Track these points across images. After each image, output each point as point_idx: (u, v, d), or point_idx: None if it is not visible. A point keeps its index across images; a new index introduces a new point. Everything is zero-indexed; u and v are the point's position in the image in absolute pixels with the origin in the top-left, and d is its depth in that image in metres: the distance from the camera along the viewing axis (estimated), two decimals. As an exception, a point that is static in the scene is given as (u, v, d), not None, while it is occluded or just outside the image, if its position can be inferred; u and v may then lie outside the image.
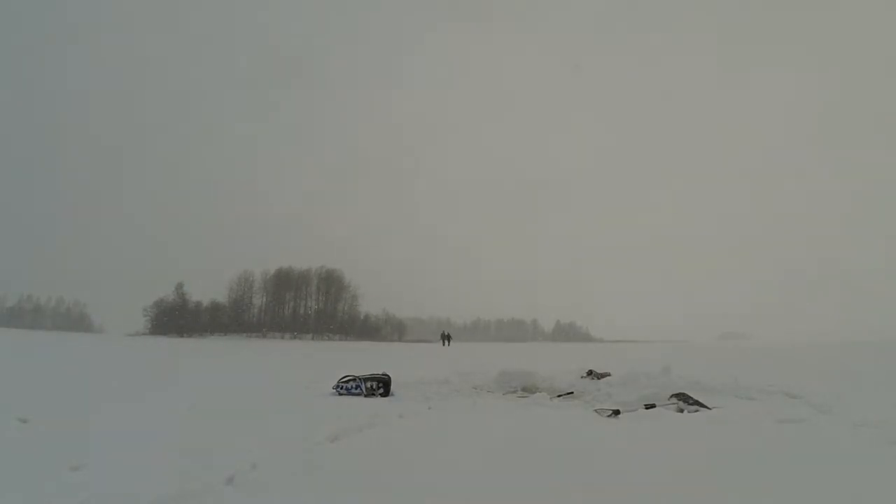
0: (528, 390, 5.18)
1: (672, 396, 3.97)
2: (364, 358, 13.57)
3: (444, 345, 24.98)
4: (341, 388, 4.86)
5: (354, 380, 4.87)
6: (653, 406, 3.82)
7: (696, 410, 3.70)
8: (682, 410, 3.73)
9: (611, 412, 3.67)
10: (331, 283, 73.56)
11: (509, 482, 2.09)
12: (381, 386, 4.80)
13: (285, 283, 72.98)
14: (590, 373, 5.68)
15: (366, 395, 4.69)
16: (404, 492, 1.99)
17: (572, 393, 5.01)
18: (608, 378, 5.43)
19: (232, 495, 1.93)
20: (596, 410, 3.87)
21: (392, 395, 4.82)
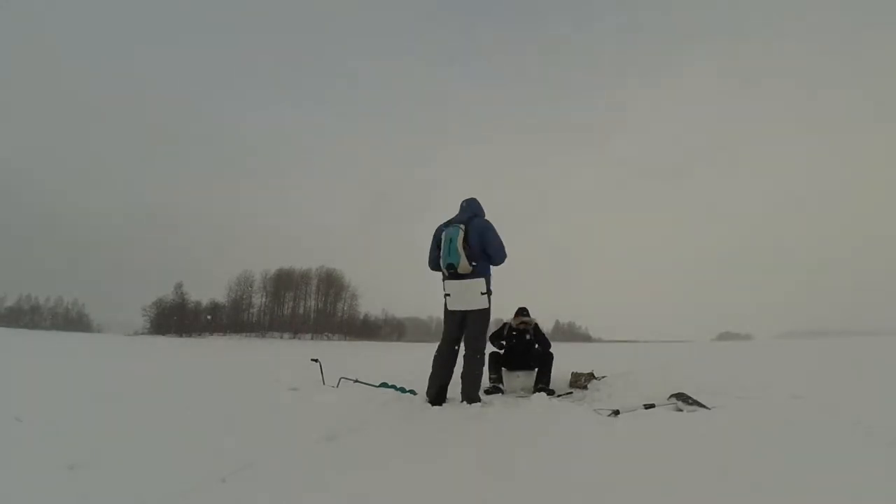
0: (528, 390, 5.17)
1: (671, 396, 3.95)
2: (364, 358, 13.55)
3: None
4: None
5: None
6: (652, 406, 3.81)
7: (695, 410, 3.68)
8: (681, 410, 3.71)
9: (611, 412, 3.65)
10: (331, 283, 73.54)
11: (507, 485, 2.07)
12: None
13: (285, 283, 73.03)
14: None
15: None
16: (401, 493, 1.97)
17: (571, 393, 5.00)
18: (607, 378, 5.41)
19: (226, 495, 1.92)
20: (595, 410, 3.85)
21: None
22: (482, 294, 4.18)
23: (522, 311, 5.54)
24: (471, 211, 4.47)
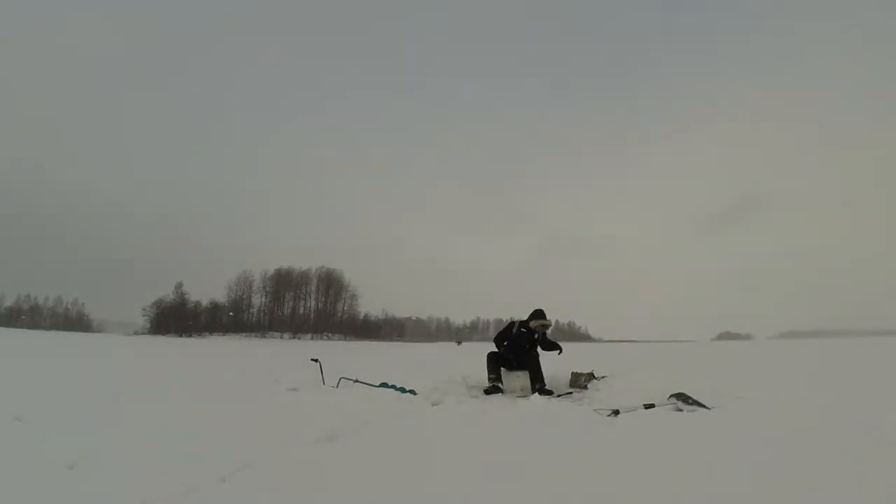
0: (527, 390, 5.17)
1: (671, 396, 3.96)
2: (364, 358, 13.54)
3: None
4: None
5: None
6: (652, 406, 3.81)
7: (695, 410, 3.69)
8: (681, 410, 3.71)
9: (611, 412, 3.65)
10: (331, 283, 73.48)
11: (508, 486, 2.07)
12: None
13: (285, 283, 72.98)
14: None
15: None
16: (401, 493, 1.97)
17: (571, 393, 5.00)
18: (607, 378, 5.41)
19: (225, 495, 1.91)
20: (595, 410, 3.85)
21: None
22: None
23: (540, 314, 5.53)
24: None
